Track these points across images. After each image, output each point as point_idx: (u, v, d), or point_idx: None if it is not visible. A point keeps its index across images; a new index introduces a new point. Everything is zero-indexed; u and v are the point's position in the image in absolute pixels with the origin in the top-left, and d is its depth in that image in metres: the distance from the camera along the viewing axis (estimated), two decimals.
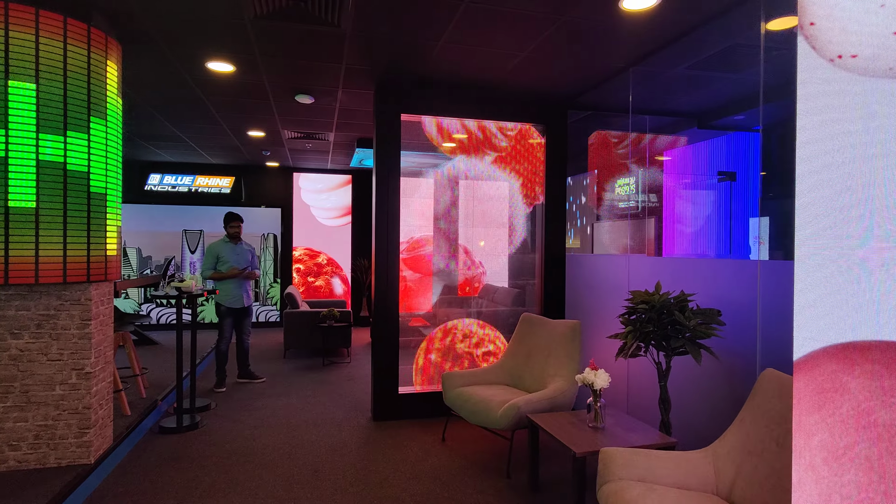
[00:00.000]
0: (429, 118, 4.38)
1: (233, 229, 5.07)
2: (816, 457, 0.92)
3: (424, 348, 4.43)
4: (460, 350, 4.47)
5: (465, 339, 4.48)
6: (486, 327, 4.56)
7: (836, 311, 0.89)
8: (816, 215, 0.93)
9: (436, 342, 4.44)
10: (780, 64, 2.62)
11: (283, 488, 2.97)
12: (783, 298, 2.49)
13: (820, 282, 0.92)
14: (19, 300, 3.02)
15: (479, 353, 4.49)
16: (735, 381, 2.77)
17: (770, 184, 4.89)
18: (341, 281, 8.83)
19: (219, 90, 4.43)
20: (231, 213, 5.12)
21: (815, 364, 0.92)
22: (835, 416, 0.90)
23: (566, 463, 3.35)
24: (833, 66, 0.90)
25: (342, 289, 8.81)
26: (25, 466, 3.06)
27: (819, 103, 0.93)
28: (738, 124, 5.00)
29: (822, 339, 0.91)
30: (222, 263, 4.99)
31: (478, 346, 4.50)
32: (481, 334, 4.54)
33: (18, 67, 2.77)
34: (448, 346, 4.45)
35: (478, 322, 4.56)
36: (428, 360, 4.41)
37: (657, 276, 3.38)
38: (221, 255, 4.99)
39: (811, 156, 0.94)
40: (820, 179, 0.92)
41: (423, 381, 4.40)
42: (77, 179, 2.97)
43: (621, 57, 3.57)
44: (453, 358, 4.45)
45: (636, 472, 2.15)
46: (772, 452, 1.98)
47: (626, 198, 6.08)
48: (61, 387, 3.09)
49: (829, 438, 0.90)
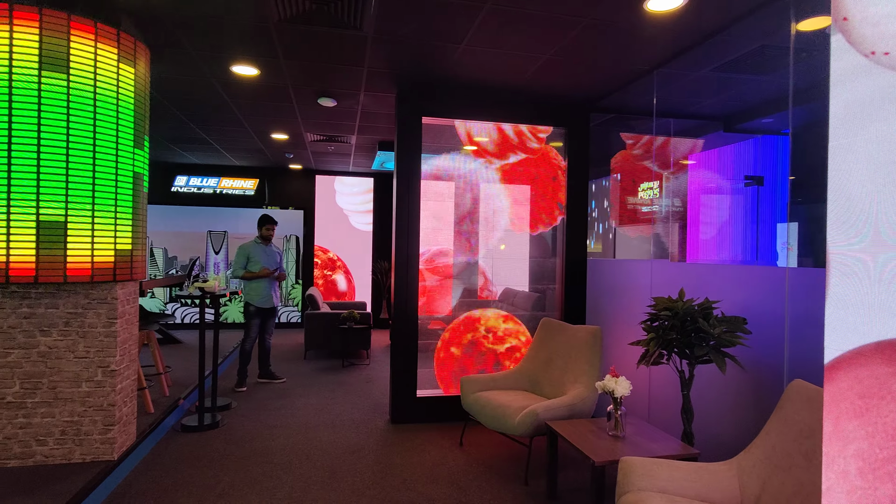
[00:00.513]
0: (460, 122, 4.37)
1: (268, 231, 5.19)
2: (851, 465, 0.88)
3: (447, 339, 4.41)
4: (481, 341, 4.44)
5: (489, 334, 4.45)
6: (509, 320, 4.52)
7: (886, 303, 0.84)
8: (851, 205, 0.89)
9: (455, 335, 4.41)
10: (811, 65, 2.54)
11: (300, 489, 2.98)
12: (813, 307, 2.41)
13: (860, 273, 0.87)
14: (48, 298, 3.10)
15: (502, 350, 4.46)
16: (761, 392, 2.69)
17: (799, 188, 4.76)
18: (343, 278, 8.97)
19: (243, 93, 4.50)
20: (267, 215, 5.23)
21: (860, 363, 0.87)
22: (877, 425, 0.85)
23: (585, 471, 3.30)
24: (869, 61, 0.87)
25: (345, 285, 8.92)
26: (52, 461, 3.13)
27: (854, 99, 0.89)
28: (766, 127, 4.88)
29: (868, 335, 0.86)
30: (253, 264, 5.08)
31: (501, 342, 4.47)
32: (504, 328, 4.50)
33: (50, 72, 2.84)
34: (470, 341, 4.43)
35: (502, 315, 4.51)
36: (449, 353, 4.39)
37: (681, 282, 3.31)
38: (252, 256, 5.09)
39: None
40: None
41: (445, 375, 4.37)
42: (105, 181, 3.04)
43: (645, 59, 3.52)
44: (477, 354, 4.42)
45: (657, 483, 2.10)
46: (800, 467, 1.91)
47: (649, 202, 5.98)
48: (87, 384, 3.16)
49: (867, 448, 0.86)
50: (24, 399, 3.08)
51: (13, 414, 3.07)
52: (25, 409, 3.09)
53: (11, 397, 3.07)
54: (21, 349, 3.08)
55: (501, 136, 4.47)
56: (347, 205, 9.04)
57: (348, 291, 8.93)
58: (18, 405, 3.08)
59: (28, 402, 3.09)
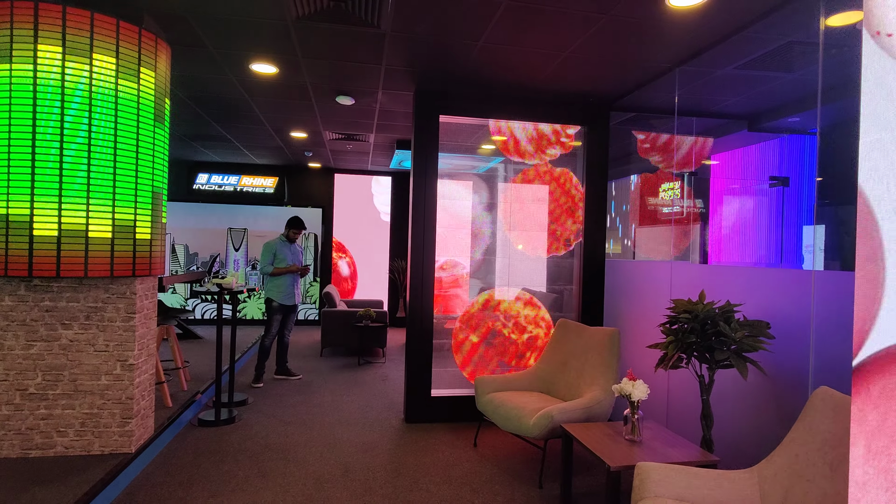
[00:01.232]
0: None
1: (295, 235, 5.29)
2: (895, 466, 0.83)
3: (463, 328, 4.39)
4: (501, 329, 4.40)
5: (509, 320, 4.42)
6: (529, 304, 4.47)
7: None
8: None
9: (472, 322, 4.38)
10: (841, 61, 2.46)
11: (313, 486, 2.99)
12: (840, 312, 2.32)
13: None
14: (70, 292, 3.15)
15: (523, 339, 4.42)
16: (784, 399, 2.62)
17: (827, 190, 4.63)
18: (347, 265, 9.06)
19: (263, 91, 4.53)
20: (298, 219, 5.30)
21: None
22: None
23: (600, 476, 3.25)
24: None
25: (348, 271, 9.02)
26: (71, 452, 3.18)
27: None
28: (792, 127, 4.75)
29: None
30: (279, 261, 5.15)
31: (522, 332, 4.43)
32: (526, 314, 4.46)
33: (74, 69, 2.89)
34: (489, 330, 4.40)
35: (523, 300, 4.47)
36: (469, 341, 4.37)
37: (701, 284, 3.23)
38: (279, 253, 5.16)
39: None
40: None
41: (463, 361, 4.36)
42: (125, 178, 3.08)
43: (667, 56, 3.45)
44: (498, 344, 4.39)
45: (674, 489, 2.05)
46: (824, 477, 1.84)
47: (670, 203, 5.88)
48: (106, 377, 3.21)
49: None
50: (45, 391, 3.15)
51: (35, 405, 3.14)
52: (47, 400, 3.15)
53: (34, 389, 3.13)
54: (43, 342, 3.14)
55: (529, 135, 4.43)
56: (378, 204, 9.15)
57: (350, 278, 8.99)
58: (41, 397, 3.14)
59: (49, 394, 3.15)
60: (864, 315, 0.88)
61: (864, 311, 0.88)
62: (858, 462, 0.88)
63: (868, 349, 0.87)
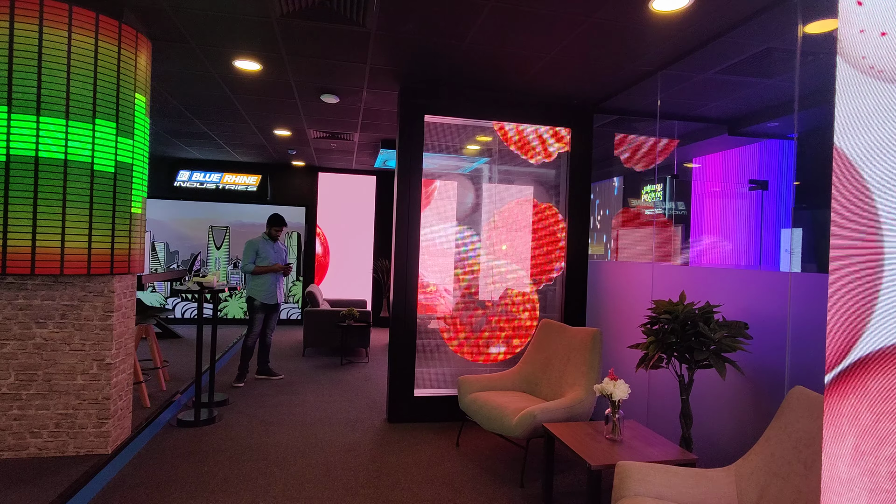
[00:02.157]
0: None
1: (276, 232, 5.22)
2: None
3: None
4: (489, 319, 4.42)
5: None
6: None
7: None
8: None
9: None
10: (817, 69, 2.51)
11: (294, 487, 2.96)
12: (816, 313, 2.37)
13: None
14: (45, 290, 3.08)
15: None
16: (761, 399, 2.66)
17: (804, 193, 4.73)
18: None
19: (246, 89, 4.48)
20: (279, 217, 5.23)
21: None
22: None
23: (581, 475, 3.27)
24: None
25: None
26: (45, 454, 3.11)
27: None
28: (771, 131, 4.84)
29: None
30: (262, 259, 5.08)
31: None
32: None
33: (51, 62, 2.83)
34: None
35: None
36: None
37: (682, 285, 3.28)
38: (261, 252, 5.09)
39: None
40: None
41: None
42: (104, 174, 3.02)
43: (650, 59, 3.49)
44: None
45: (653, 488, 2.07)
46: (799, 475, 1.88)
47: (652, 205, 5.95)
48: (82, 377, 3.14)
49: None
50: (18, 391, 3.07)
51: (8, 405, 3.06)
52: (20, 400, 3.07)
53: (6, 389, 3.06)
54: (17, 340, 3.06)
55: (519, 138, 4.45)
56: (362, 204, 9.11)
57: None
58: (13, 397, 3.07)
59: (23, 394, 3.08)
60: (862, 309, 0.87)
61: (861, 304, 0.87)
62: (845, 460, 0.89)
63: (871, 343, 0.87)
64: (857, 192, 0.89)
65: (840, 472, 0.90)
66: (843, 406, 0.91)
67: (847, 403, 0.90)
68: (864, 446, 0.87)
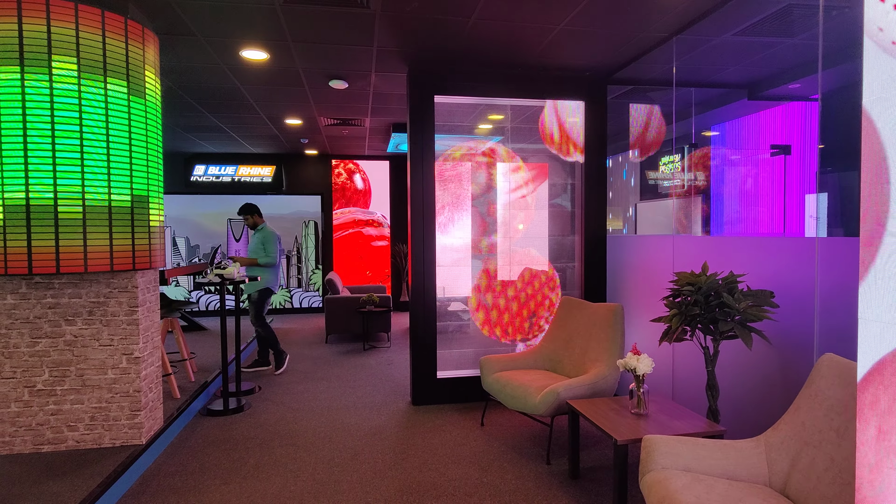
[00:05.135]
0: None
1: (247, 221, 5.15)
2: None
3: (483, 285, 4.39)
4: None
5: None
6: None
7: None
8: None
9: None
10: (843, 22, 2.40)
11: (323, 470, 3.01)
12: (845, 278, 2.31)
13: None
14: (71, 288, 3.15)
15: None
16: (789, 367, 2.61)
17: (829, 157, 4.57)
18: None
19: (255, 78, 4.47)
20: (248, 204, 5.17)
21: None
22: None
23: (607, 450, 3.27)
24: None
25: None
26: (83, 446, 3.21)
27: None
28: (793, 94, 4.68)
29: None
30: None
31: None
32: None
33: (61, 62, 2.84)
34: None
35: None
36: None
37: (704, 256, 3.21)
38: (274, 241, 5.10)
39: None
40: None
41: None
42: (121, 172, 3.05)
43: (663, 25, 3.38)
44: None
45: (681, 461, 2.06)
46: (831, 443, 1.85)
47: (670, 176, 5.83)
48: (113, 371, 3.22)
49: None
50: (53, 387, 3.16)
51: (44, 401, 3.16)
52: (55, 396, 3.17)
53: (42, 385, 3.15)
54: (48, 338, 3.14)
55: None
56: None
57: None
58: (49, 392, 3.16)
59: (57, 390, 3.17)
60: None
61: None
62: (870, 445, 0.87)
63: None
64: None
65: (867, 456, 0.87)
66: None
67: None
68: (888, 425, 0.85)
